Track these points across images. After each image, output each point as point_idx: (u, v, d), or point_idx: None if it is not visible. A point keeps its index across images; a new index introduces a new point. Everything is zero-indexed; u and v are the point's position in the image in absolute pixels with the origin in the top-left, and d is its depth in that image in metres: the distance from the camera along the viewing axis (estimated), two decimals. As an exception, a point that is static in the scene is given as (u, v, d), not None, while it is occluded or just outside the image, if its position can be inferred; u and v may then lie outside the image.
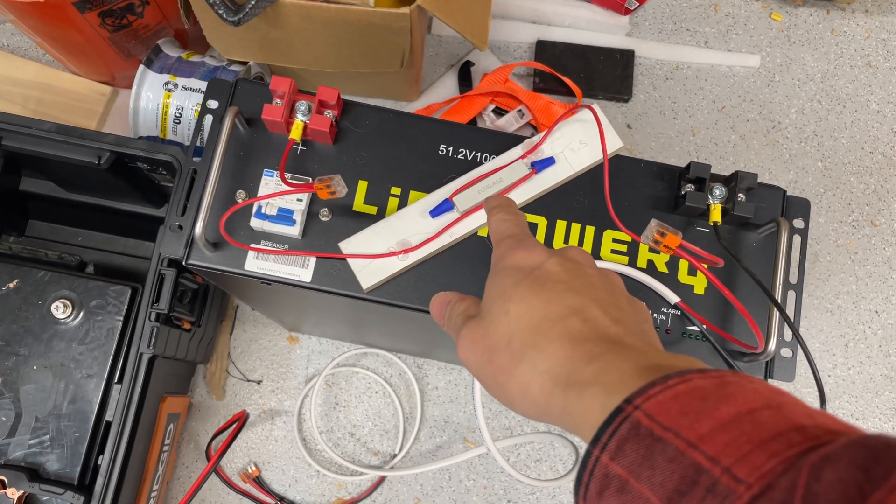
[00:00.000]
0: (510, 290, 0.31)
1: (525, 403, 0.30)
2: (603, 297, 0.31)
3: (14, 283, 0.66)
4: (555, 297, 0.30)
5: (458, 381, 0.87)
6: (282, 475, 0.83)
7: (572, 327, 0.29)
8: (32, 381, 0.65)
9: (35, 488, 0.62)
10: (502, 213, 0.37)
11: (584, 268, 0.32)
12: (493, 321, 0.31)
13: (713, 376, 0.25)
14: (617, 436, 0.24)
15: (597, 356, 0.28)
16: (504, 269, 0.33)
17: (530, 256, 0.33)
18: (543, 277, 0.31)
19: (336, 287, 0.47)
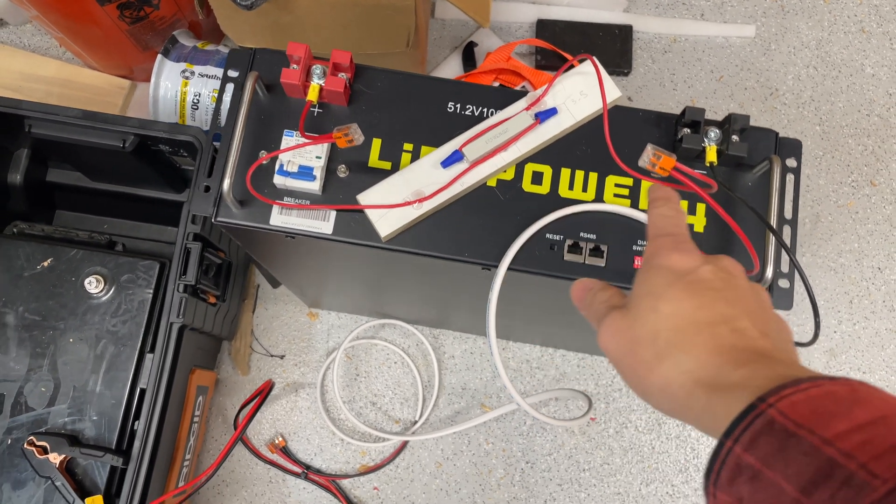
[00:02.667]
0: (661, 289, 0.33)
1: (663, 398, 0.31)
2: (753, 310, 0.32)
3: (48, 262, 0.70)
4: (706, 304, 0.32)
5: (474, 349, 0.90)
6: (307, 444, 0.86)
7: (721, 335, 0.31)
8: (69, 352, 0.68)
9: (76, 452, 0.65)
10: (665, 209, 0.38)
11: (736, 279, 0.33)
12: (641, 316, 0.33)
13: (844, 383, 0.26)
14: (751, 429, 0.26)
15: (744, 363, 0.29)
16: (658, 268, 0.34)
17: (686, 260, 0.34)
18: (696, 283, 0.33)
19: (356, 238, 0.50)
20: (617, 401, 0.88)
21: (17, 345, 0.68)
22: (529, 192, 0.51)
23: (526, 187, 0.51)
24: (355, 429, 0.87)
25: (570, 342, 0.86)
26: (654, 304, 0.33)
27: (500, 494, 0.86)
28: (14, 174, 0.83)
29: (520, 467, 0.86)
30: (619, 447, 0.87)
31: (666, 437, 0.87)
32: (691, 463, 0.87)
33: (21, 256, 0.70)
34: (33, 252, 0.70)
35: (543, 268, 0.50)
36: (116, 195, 0.88)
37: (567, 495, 0.86)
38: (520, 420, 0.88)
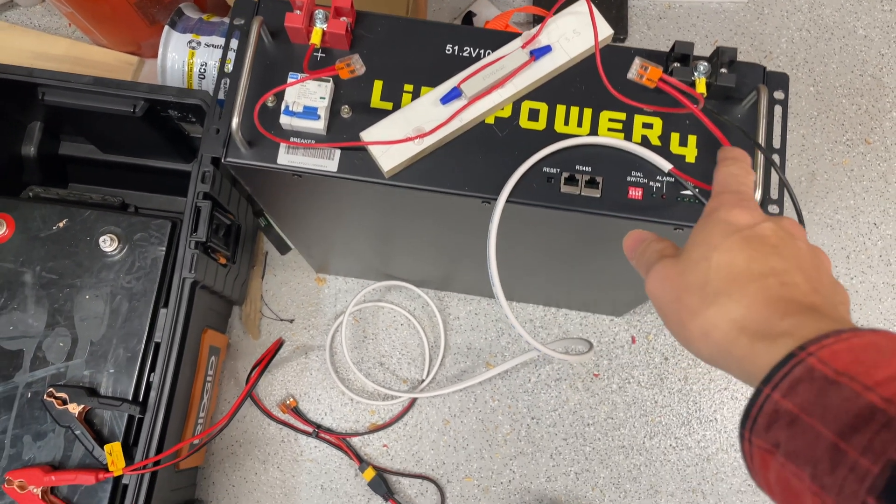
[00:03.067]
0: (717, 239, 0.33)
1: (704, 344, 0.32)
2: (807, 269, 0.32)
3: (63, 223, 0.72)
4: (759, 258, 0.32)
5: (478, 310, 0.92)
6: (318, 405, 0.88)
7: (771, 287, 0.30)
8: (86, 309, 0.70)
9: (94, 402, 0.67)
10: (734, 167, 0.38)
11: (795, 240, 0.33)
12: (693, 264, 0.33)
13: (885, 334, 0.27)
14: (790, 377, 0.27)
15: (791, 313, 0.29)
16: (716, 221, 0.34)
17: (747, 216, 0.34)
18: (754, 237, 0.32)
19: (360, 175, 0.52)
20: (619, 357, 0.90)
21: (36, 302, 0.70)
22: (526, 129, 0.53)
23: (523, 124, 0.53)
24: (364, 388, 0.89)
25: (571, 299, 0.88)
26: (708, 253, 0.33)
27: (507, 449, 0.87)
28: (28, 146, 0.86)
29: (525, 423, 0.88)
30: (622, 402, 0.89)
31: (668, 391, 0.89)
32: (693, 416, 0.89)
33: (37, 218, 0.72)
34: (49, 214, 0.72)
35: (541, 199, 0.52)
36: (127, 167, 0.90)
37: (572, 449, 0.87)
38: (524, 377, 0.89)
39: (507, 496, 0.86)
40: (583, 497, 0.86)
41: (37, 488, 0.65)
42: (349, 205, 0.59)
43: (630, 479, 0.87)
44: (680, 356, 0.91)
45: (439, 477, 0.86)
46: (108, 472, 0.65)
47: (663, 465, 0.87)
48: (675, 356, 0.91)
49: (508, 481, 0.87)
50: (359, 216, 0.63)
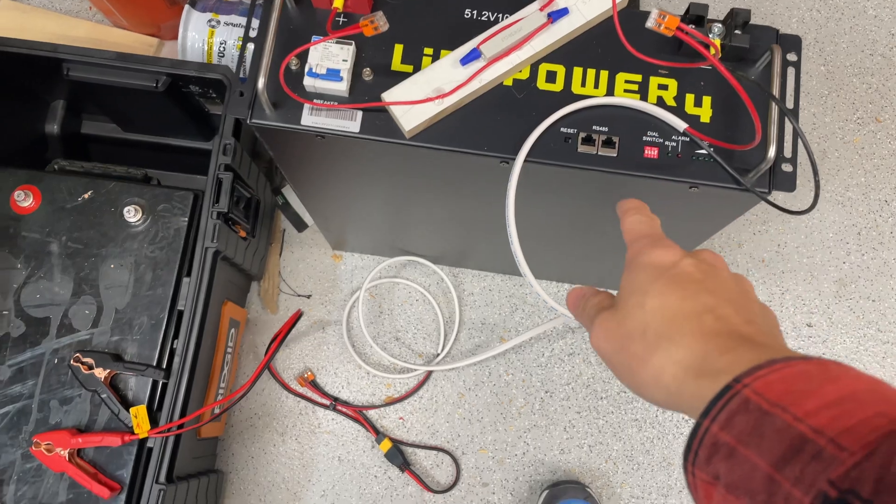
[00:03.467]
0: (647, 285, 0.34)
1: (656, 390, 0.32)
2: (735, 299, 0.33)
3: (88, 194, 0.74)
4: (690, 295, 0.32)
5: (492, 286, 0.93)
6: (335, 378, 0.90)
7: (706, 323, 0.31)
8: (110, 277, 0.72)
9: (120, 367, 0.69)
10: (637, 216, 0.40)
11: (717, 270, 0.34)
12: (629, 313, 0.34)
13: (817, 362, 0.27)
14: (727, 409, 0.27)
15: (730, 349, 0.30)
16: (641, 266, 0.35)
17: (667, 255, 0.35)
18: (679, 275, 0.33)
19: (381, 135, 0.53)
20: (632, 332, 0.91)
21: (62, 271, 0.72)
22: (544, 90, 0.54)
23: (540, 85, 0.54)
24: (380, 362, 0.90)
25: (585, 273, 0.89)
26: (641, 299, 0.34)
27: (521, 422, 0.89)
28: (52, 124, 0.87)
29: (539, 396, 0.89)
30: (635, 376, 0.90)
31: (681, 365, 0.90)
32: (706, 390, 0.89)
33: (63, 190, 0.74)
34: (74, 186, 0.74)
35: (558, 159, 0.53)
36: (147, 145, 0.92)
37: (586, 422, 0.89)
38: (538, 352, 0.91)
39: (521, 468, 0.87)
40: (596, 469, 0.87)
41: (64, 450, 0.66)
42: (369, 169, 0.61)
43: (643, 451, 0.88)
44: (692, 331, 0.91)
45: (454, 449, 0.88)
46: (133, 435, 0.67)
47: (676, 438, 0.88)
48: (687, 331, 0.91)
49: (523, 453, 0.88)
50: (378, 182, 0.64)
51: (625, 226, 0.40)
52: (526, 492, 0.87)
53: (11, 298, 0.71)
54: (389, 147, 0.54)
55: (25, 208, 0.73)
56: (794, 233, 0.95)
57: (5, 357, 0.70)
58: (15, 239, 0.73)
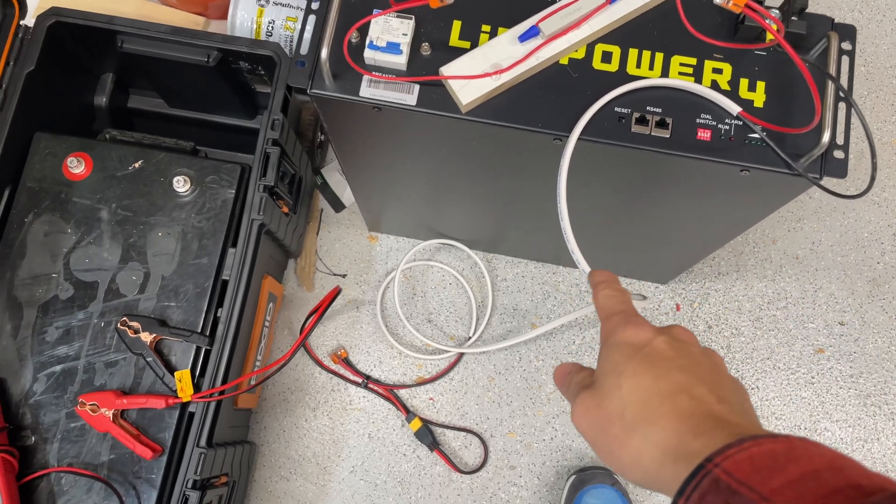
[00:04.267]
0: (622, 365, 0.35)
1: (637, 472, 0.33)
2: (707, 376, 0.34)
3: (139, 164, 0.75)
4: (663, 374, 0.34)
5: (525, 273, 0.94)
6: (367, 356, 0.91)
7: (681, 404, 0.32)
8: (158, 245, 0.74)
9: (165, 332, 0.70)
10: (608, 290, 0.40)
11: (689, 346, 0.36)
12: (607, 394, 0.35)
13: (783, 441, 0.29)
14: (699, 489, 0.29)
15: (703, 432, 0.31)
16: (615, 345, 0.36)
17: (639, 333, 0.36)
18: (653, 355, 0.35)
19: (437, 109, 0.54)
20: (663, 323, 0.91)
21: (111, 238, 0.74)
22: (599, 70, 0.55)
23: (596, 65, 0.55)
24: (413, 342, 0.91)
25: (620, 263, 0.89)
26: (617, 380, 0.34)
27: (550, 408, 0.89)
28: (100, 97, 0.89)
29: (569, 383, 0.90)
30: (665, 367, 0.90)
31: (711, 358, 0.90)
32: (736, 383, 0.90)
33: (114, 158, 0.76)
34: (125, 155, 0.76)
35: (612, 138, 0.53)
36: (192, 121, 0.93)
37: (614, 410, 0.89)
38: (569, 339, 0.91)
39: (549, 453, 0.88)
40: (623, 457, 0.88)
41: (108, 411, 0.68)
42: (419, 143, 0.62)
43: (671, 442, 0.88)
44: (723, 325, 0.92)
45: (483, 431, 0.89)
46: (177, 398, 0.68)
47: (704, 429, 0.88)
48: (718, 325, 0.92)
49: (551, 438, 0.88)
50: (425, 158, 0.65)
51: (597, 301, 0.41)
52: (553, 476, 0.87)
53: (61, 262, 0.73)
54: (444, 121, 0.55)
55: (77, 175, 0.75)
56: (828, 231, 0.95)
57: (53, 319, 0.72)
58: (66, 204, 0.74)
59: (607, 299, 0.40)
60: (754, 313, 0.92)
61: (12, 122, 0.75)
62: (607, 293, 0.41)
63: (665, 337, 0.36)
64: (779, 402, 0.89)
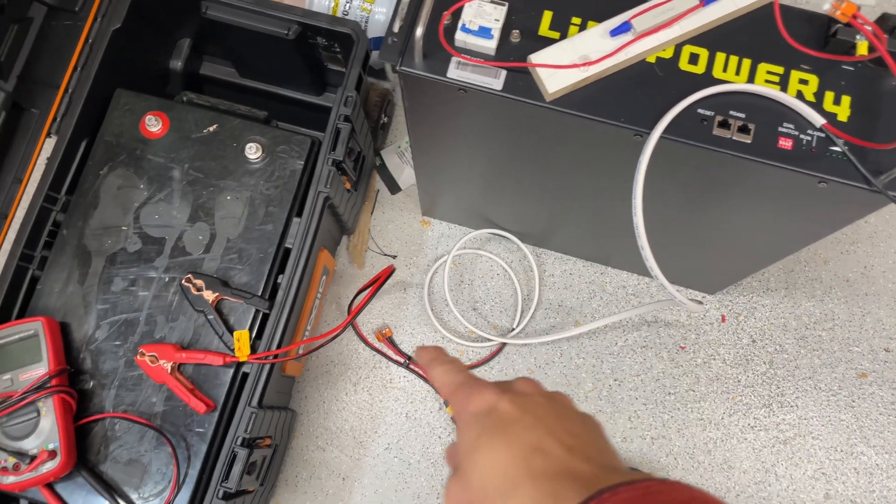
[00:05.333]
0: (475, 441, 0.34)
1: None
2: (554, 425, 0.34)
3: (214, 128, 0.77)
4: (514, 439, 0.33)
5: (573, 270, 0.94)
6: (411, 338, 0.92)
7: (534, 465, 0.32)
8: (226, 208, 0.76)
9: (228, 292, 0.72)
10: (440, 366, 0.40)
11: (532, 398, 0.36)
12: (468, 475, 0.34)
13: (640, 487, 0.29)
14: None
15: (558, 493, 0.31)
16: (466, 422, 0.36)
17: (483, 400, 0.36)
18: (500, 420, 0.34)
19: (522, 95, 0.55)
20: (707, 333, 0.92)
21: (181, 197, 0.76)
22: (685, 71, 0.55)
23: (682, 66, 0.55)
24: (456, 328, 0.92)
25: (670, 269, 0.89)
26: (474, 458, 0.34)
27: (587, 406, 0.90)
28: (176, 61, 0.92)
29: (608, 383, 0.91)
30: (705, 376, 0.91)
31: (753, 372, 0.90)
32: (775, 399, 0.90)
33: (190, 120, 0.78)
34: (201, 118, 0.78)
35: (693, 139, 0.54)
36: (261, 93, 0.96)
37: (651, 414, 0.89)
38: (611, 340, 0.92)
39: (582, 450, 0.89)
40: (656, 462, 0.88)
41: (167, 363, 0.70)
42: (496, 129, 0.63)
43: (705, 451, 0.88)
44: (767, 341, 0.92)
45: (519, 422, 0.89)
46: (234, 357, 0.70)
47: (739, 442, 0.89)
48: (762, 340, 0.92)
49: (585, 436, 0.89)
50: (498, 144, 0.66)
51: (434, 382, 0.41)
52: (584, 473, 0.88)
53: (131, 215, 0.76)
54: (527, 108, 0.56)
55: (154, 133, 0.77)
56: (882, 257, 0.94)
57: (120, 270, 0.74)
58: (141, 161, 0.77)
59: (444, 375, 0.40)
60: (800, 332, 0.92)
61: (96, 76, 0.77)
62: (442, 370, 0.40)
63: (509, 395, 0.35)
64: (817, 422, 0.89)
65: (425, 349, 0.43)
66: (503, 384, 0.37)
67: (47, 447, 0.66)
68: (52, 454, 0.66)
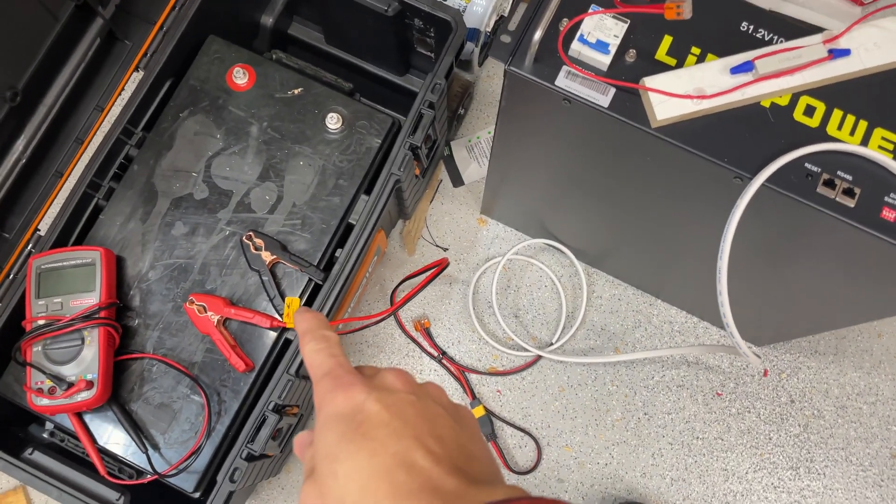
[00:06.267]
0: (335, 447, 0.30)
1: None
2: (422, 430, 0.30)
3: (298, 91, 0.77)
4: (378, 448, 0.30)
5: (622, 296, 0.93)
6: (448, 333, 0.92)
7: (398, 481, 0.29)
8: (297, 173, 0.75)
9: (286, 257, 0.72)
10: (313, 343, 0.35)
11: (401, 396, 0.32)
12: (325, 484, 0.30)
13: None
14: None
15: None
16: (327, 421, 0.32)
17: (349, 399, 0.32)
18: (364, 424, 0.30)
19: (627, 117, 0.54)
20: (747, 384, 0.90)
21: (255, 154, 0.76)
22: (799, 122, 0.53)
23: (797, 116, 0.54)
24: (495, 332, 0.92)
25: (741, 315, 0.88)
26: (332, 467, 0.30)
27: (612, 434, 0.89)
28: (267, 17, 0.91)
29: (637, 416, 0.89)
30: (736, 427, 0.89)
31: (785, 433, 0.89)
32: (803, 464, 0.88)
33: (276, 79, 0.77)
34: (287, 79, 0.77)
35: (794, 192, 0.52)
36: (342, 62, 0.95)
37: (675, 455, 0.88)
38: (648, 373, 0.90)
39: (600, 478, 0.88)
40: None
41: (215, 315, 0.70)
42: (588, 144, 0.62)
43: (723, 502, 0.87)
44: (806, 403, 0.90)
45: (541, 437, 0.89)
46: (281, 322, 0.70)
47: (760, 500, 0.87)
48: (801, 401, 0.90)
49: (605, 464, 0.88)
50: (583, 158, 0.65)
51: (305, 360, 0.36)
52: (597, 501, 0.87)
53: (203, 163, 0.75)
54: (630, 130, 0.55)
55: (239, 86, 0.77)
56: (938, 341, 0.92)
57: (183, 215, 0.74)
58: (221, 111, 0.77)
59: (313, 354, 0.35)
60: (841, 401, 0.90)
61: (191, 19, 0.77)
62: (313, 347, 0.35)
63: (377, 394, 0.31)
64: (841, 495, 0.87)
65: (304, 314, 0.38)
66: (371, 377, 0.33)
67: (86, 377, 0.66)
68: (89, 384, 0.66)
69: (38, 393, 0.66)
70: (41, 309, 0.68)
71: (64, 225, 0.73)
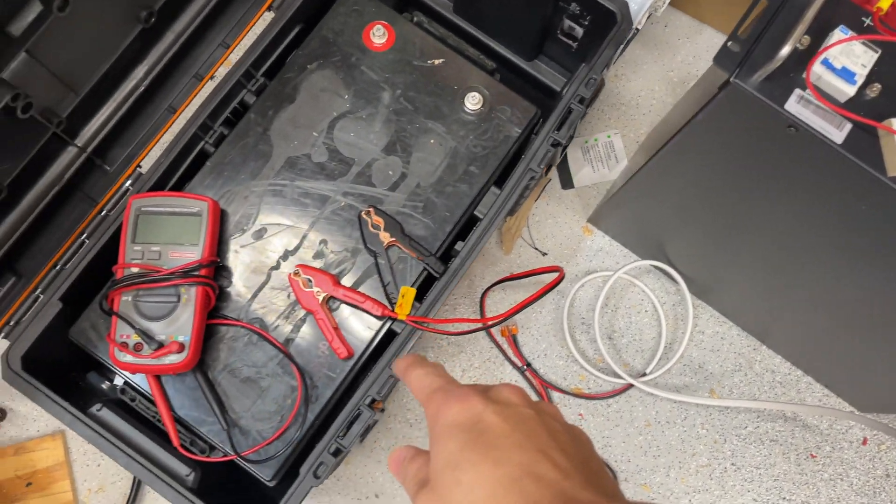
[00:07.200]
0: (457, 455, 0.30)
1: None
2: (546, 444, 0.30)
3: (440, 62, 0.70)
4: (503, 457, 0.29)
5: (726, 335, 0.87)
6: (535, 344, 0.85)
7: (528, 490, 0.28)
8: (426, 151, 0.69)
9: (405, 242, 0.66)
10: (419, 370, 0.36)
11: (520, 410, 0.32)
12: (447, 493, 0.30)
13: None
14: None
15: None
16: (444, 431, 0.31)
17: (467, 408, 0.32)
18: (487, 434, 0.30)
19: (860, 158, 0.47)
20: (843, 450, 0.84)
21: (384, 123, 0.69)
22: None
23: None
24: (586, 351, 0.86)
25: (829, 370, 0.82)
26: (455, 475, 0.30)
27: (695, 480, 0.83)
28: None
29: (724, 465, 0.83)
30: (826, 494, 0.83)
31: (876, 508, 0.83)
32: (892, 545, 0.82)
33: (417, 45, 0.70)
34: (428, 46, 0.70)
35: None
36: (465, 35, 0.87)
37: (758, 513, 0.83)
38: (742, 422, 0.85)
39: (675, 523, 0.82)
40: (746, 563, 0.82)
41: (322, 292, 0.64)
42: (786, 177, 0.55)
43: (800, 570, 0.82)
44: (901, 481, 0.84)
45: (619, 470, 0.83)
46: (393, 313, 0.64)
47: (840, 575, 0.82)
48: (896, 478, 0.84)
49: (683, 510, 0.82)
50: (754, 188, 0.59)
51: (412, 386, 0.36)
52: (669, 548, 0.81)
53: (326, 123, 0.69)
54: (859, 173, 0.48)
55: (377, 46, 0.70)
56: None
57: (296, 176, 0.68)
58: (353, 70, 0.70)
59: (421, 378, 0.35)
60: (938, 484, 0.84)
61: (332, -36, 0.70)
62: (419, 373, 0.36)
63: (494, 406, 0.31)
64: (925, 584, 0.82)
65: (401, 358, 0.38)
66: (486, 391, 0.33)
67: (177, 338, 0.60)
68: (180, 347, 0.60)
69: (122, 347, 0.60)
70: (136, 255, 0.61)
71: (168, 166, 0.66)
